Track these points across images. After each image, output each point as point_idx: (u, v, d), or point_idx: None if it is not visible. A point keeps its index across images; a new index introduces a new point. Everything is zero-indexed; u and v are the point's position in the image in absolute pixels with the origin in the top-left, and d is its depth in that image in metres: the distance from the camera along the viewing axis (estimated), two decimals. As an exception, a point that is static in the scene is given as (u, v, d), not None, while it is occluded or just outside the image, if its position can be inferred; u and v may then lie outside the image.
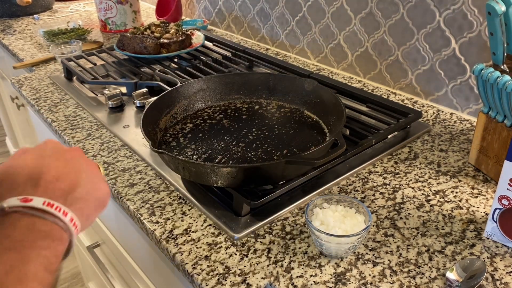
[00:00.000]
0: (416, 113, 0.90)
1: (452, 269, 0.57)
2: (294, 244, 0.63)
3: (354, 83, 1.15)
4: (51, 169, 0.41)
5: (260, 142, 0.79)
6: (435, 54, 0.98)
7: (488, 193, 0.72)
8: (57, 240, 0.37)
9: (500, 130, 0.72)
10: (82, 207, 0.41)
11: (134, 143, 0.88)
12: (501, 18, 0.67)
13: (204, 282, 0.57)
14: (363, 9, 1.09)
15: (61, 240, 0.38)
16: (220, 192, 0.73)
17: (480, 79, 0.70)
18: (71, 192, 0.41)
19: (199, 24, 1.61)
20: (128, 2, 1.56)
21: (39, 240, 0.36)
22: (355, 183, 0.76)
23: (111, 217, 0.96)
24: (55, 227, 0.38)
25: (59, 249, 0.37)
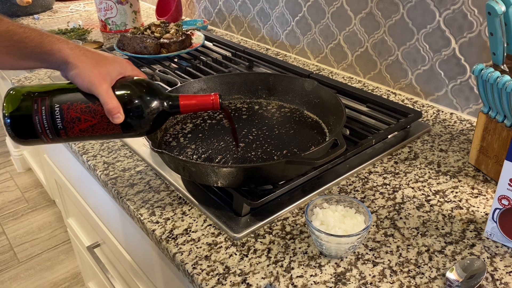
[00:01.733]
0: (416, 113, 0.90)
1: (452, 269, 0.57)
2: (294, 244, 0.63)
3: (354, 83, 1.15)
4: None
5: (260, 142, 0.79)
6: (435, 54, 0.98)
7: (488, 193, 0.72)
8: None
9: (500, 130, 0.72)
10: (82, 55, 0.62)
11: (134, 143, 0.88)
12: (501, 18, 0.67)
13: (204, 282, 0.57)
14: (363, 9, 1.09)
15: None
16: (220, 192, 0.73)
17: (480, 79, 0.70)
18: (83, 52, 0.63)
19: (199, 24, 1.61)
20: (128, 2, 1.56)
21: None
22: (355, 183, 0.76)
23: (111, 217, 0.96)
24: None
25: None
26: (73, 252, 1.96)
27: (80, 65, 0.60)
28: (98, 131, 0.63)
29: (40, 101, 0.60)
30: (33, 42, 0.59)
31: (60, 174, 1.29)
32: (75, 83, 0.61)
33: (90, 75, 0.60)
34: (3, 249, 2.03)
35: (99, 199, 0.98)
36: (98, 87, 0.60)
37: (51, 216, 2.22)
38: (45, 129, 0.60)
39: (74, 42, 1.19)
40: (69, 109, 0.60)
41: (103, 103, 0.60)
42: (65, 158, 1.13)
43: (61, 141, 0.63)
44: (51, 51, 0.60)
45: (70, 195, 1.25)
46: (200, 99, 0.67)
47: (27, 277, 1.88)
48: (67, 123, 0.61)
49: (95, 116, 0.61)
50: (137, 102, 0.62)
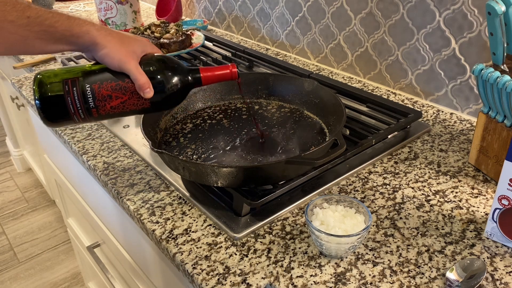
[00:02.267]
0: (416, 113, 0.90)
1: (452, 269, 0.57)
2: (294, 244, 0.63)
3: (354, 83, 1.15)
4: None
5: (260, 142, 0.79)
6: (435, 54, 0.98)
7: (488, 193, 0.72)
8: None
9: (500, 130, 0.72)
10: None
11: (134, 143, 0.88)
12: (501, 18, 0.67)
13: (204, 282, 0.57)
14: (363, 9, 1.09)
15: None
16: (220, 192, 0.73)
17: (480, 79, 0.70)
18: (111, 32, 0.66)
19: (199, 24, 1.61)
20: (128, 2, 1.56)
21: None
22: (355, 183, 0.76)
23: (111, 217, 0.96)
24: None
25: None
26: (73, 252, 1.96)
27: (108, 45, 0.63)
28: (128, 107, 0.66)
29: (70, 83, 0.63)
30: (63, 26, 0.62)
31: (60, 174, 1.29)
32: (104, 62, 0.64)
33: (119, 54, 0.63)
34: (3, 249, 2.03)
35: (99, 199, 0.98)
36: (128, 65, 0.63)
37: (51, 216, 2.22)
38: (78, 109, 0.63)
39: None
40: (100, 88, 0.63)
41: (134, 79, 0.63)
42: (65, 158, 1.13)
43: (92, 120, 0.66)
44: (80, 33, 0.62)
45: (70, 195, 1.25)
46: (219, 71, 0.71)
47: (27, 277, 1.88)
48: (99, 101, 0.64)
49: (125, 93, 0.65)
50: (163, 77, 0.66)
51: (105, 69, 0.65)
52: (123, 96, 0.65)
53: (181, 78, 0.68)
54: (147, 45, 0.68)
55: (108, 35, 0.64)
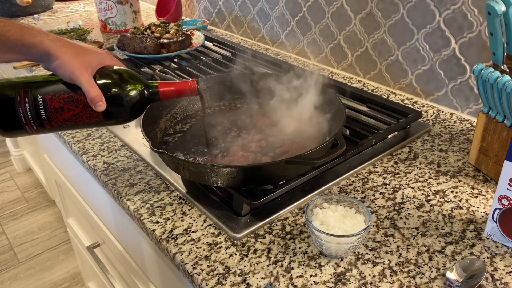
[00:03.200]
0: (416, 113, 0.90)
1: (452, 269, 0.57)
2: (294, 244, 0.63)
3: (354, 83, 1.15)
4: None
5: (260, 142, 0.79)
6: (435, 54, 0.98)
7: (488, 193, 0.72)
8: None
9: (500, 130, 0.72)
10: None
11: (134, 143, 0.88)
12: (501, 18, 0.67)
13: (204, 282, 0.57)
14: (363, 9, 1.09)
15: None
16: (220, 192, 0.73)
17: (480, 79, 0.70)
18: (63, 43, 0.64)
19: (199, 24, 1.61)
20: (128, 2, 1.56)
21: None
22: (355, 183, 0.76)
23: (111, 217, 0.96)
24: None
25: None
26: (73, 252, 1.96)
27: (61, 56, 0.62)
28: (81, 119, 0.65)
29: (23, 93, 0.62)
30: (15, 36, 0.61)
31: (60, 174, 1.29)
32: (57, 73, 0.63)
33: (72, 65, 0.62)
34: (3, 249, 2.03)
35: (99, 199, 0.98)
36: (80, 77, 0.62)
37: (51, 216, 2.22)
38: (29, 120, 0.62)
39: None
40: (52, 100, 0.62)
41: (86, 92, 0.62)
42: (65, 158, 1.13)
43: (45, 131, 0.65)
44: (33, 43, 0.62)
45: (70, 195, 1.25)
46: (179, 86, 0.69)
47: (27, 277, 1.88)
48: (50, 113, 0.62)
49: (78, 105, 0.63)
50: (118, 91, 0.65)
51: (60, 81, 0.64)
52: (75, 109, 0.63)
53: (137, 93, 0.66)
54: (105, 58, 0.67)
55: (63, 46, 0.63)
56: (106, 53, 0.68)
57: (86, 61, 0.63)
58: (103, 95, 0.63)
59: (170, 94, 0.69)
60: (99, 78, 0.64)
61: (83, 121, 0.65)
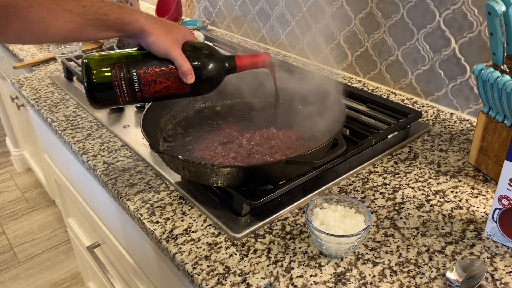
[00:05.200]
0: (416, 113, 0.90)
1: (452, 269, 0.57)
2: (294, 244, 0.63)
3: (354, 83, 1.15)
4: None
5: (260, 142, 0.79)
6: (435, 54, 0.98)
7: (488, 193, 0.72)
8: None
9: (500, 130, 0.72)
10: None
11: (134, 143, 0.88)
12: (501, 18, 0.67)
13: (204, 282, 0.57)
14: (363, 9, 1.09)
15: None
16: (220, 192, 0.73)
17: (480, 79, 0.70)
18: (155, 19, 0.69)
19: (199, 24, 1.61)
20: (128, 2, 1.56)
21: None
22: (355, 183, 0.76)
23: (111, 217, 0.96)
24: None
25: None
26: (73, 252, 1.96)
27: (155, 33, 0.67)
28: (170, 91, 0.70)
29: (117, 68, 0.66)
30: (115, 14, 0.66)
31: (60, 174, 1.29)
32: (151, 49, 0.68)
33: (165, 41, 0.67)
34: (3, 249, 2.03)
35: (99, 199, 0.98)
36: (173, 52, 0.67)
37: (51, 216, 2.22)
38: (124, 92, 0.67)
39: (75, 43, 1.18)
40: (145, 73, 0.67)
41: (178, 66, 0.67)
42: (65, 158, 1.13)
43: (136, 102, 0.70)
44: (130, 21, 0.66)
45: (70, 195, 1.25)
46: (253, 58, 0.75)
47: (27, 277, 1.88)
48: (144, 86, 0.67)
49: (169, 78, 0.68)
50: (203, 64, 0.70)
51: (150, 55, 0.68)
52: (167, 81, 0.68)
53: (219, 65, 0.71)
54: (187, 33, 0.72)
55: (155, 23, 0.67)
56: (187, 29, 0.73)
57: (175, 36, 0.68)
58: (192, 69, 0.68)
59: (245, 65, 0.74)
60: (186, 52, 0.69)
61: (172, 93, 0.70)
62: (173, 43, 0.67)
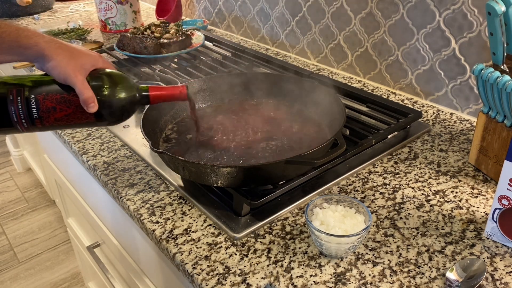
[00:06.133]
0: (416, 113, 0.90)
1: (452, 269, 0.57)
2: (294, 244, 0.63)
3: (354, 83, 1.15)
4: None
5: (260, 141, 0.79)
6: (435, 54, 0.98)
7: (488, 193, 0.72)
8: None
9: (500, 130, 0.72)
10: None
11: (134, 143, 0.88)
12: (501, 18, 0.67)
13: (204, 282, 0.57)
14: (363, 9, 1.09)
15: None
16: (220, 192, 0.73)
17: (480, 79, 0.70)
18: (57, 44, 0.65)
19: (199, 24, 1.61)
20: (128, 2, 1.56)
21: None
22: (355, 183, 0.76)
23: (111, 217, 0.96)
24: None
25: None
26: (73, 252, 1.96)
27: (56, 58, 0.63)
28: (72, 120, 0.66)
29: (15, 92, 0.63)
30: (10, 37, 0.62)
31: (60, 174, 1.29)
32: (51, 74, 0.64)
33: (66, 67, 0.63)
34: (3, 249, 2.03)
35: (99, 199, 0.98)
36: (74, 78, 0.63)
37: (51, 216, 2.22)
38: (21, 118, 0.63)
39: (74, 42, 1.19)
40: (45, 100, 0.63)
41: (79, 94, 0.63)
42: (65, 158, 1.13)
43: (36, 130, 0.66)
44: (28, 45, 0.63)
45: (70, 195, 1.25)
46: (169, 90, 0.71)
47: (27, 277, 1.88)
48: (43, 112, 0.64)
49: (70, 106, 0.65)
50: (109, 93, 0.66)
51: (53, 81, 0.65)
52: (68, 109, 0.65)
53: (128, 95, 0.67)
54: (98, 60, 0.68)
55: (58, 48, 0.64)
56: (99, 56, 0.70)
57: (80, 63, 0.65)
58: (95, 97, 0.64)
59: (160, 98, 0.71)
60: (91, 80, 0.65)
61: (74, 122, 0.67)
62: (75, 69, 0.64)
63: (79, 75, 0.64)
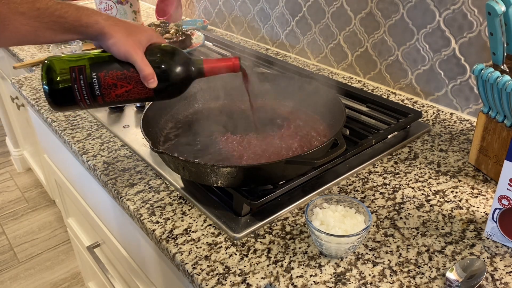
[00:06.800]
0: (416, 113, 0.90)
1: (452, 269, 0.57)
2: (294, 244, 0.63)
3: (354, 83, 1.15)
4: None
5: (260, 142, 0.79)
6: (435, 54, 0.98)
7: (488, 193, 0.72)
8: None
9: (500, 130, 0.72)
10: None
11: (134, 143, 0.88)
12: (501, 18, 0.67)
13: (204, 282, 0.57)
14: (363, 9, 1.09)
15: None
16: (220, 192, 0.73)
17: (480, 79, 0.70)
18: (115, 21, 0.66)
19: (199, 24, 1.61)
20: (128, 2, 1.56)
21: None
22: (355, 183, 0.76)
23: (111, 217, 0.96)
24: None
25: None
26: (73, 252, 1.96)
27: (115, 35, 0.64)
28: (133, 95, 0.68)
29: (77, 70, 0.64)
30: (72, 17, 0.63)
31: (60, 174, 1.29)
32: (111, 51, 0.65)
33: (126, 44, 0.64)
34: (3, 249, 2.03)
35: (99, 199, 0.98)
36: (134, 55, 0.64)
37: (51, 216, 2.22)
38: (84, 96, 0.65)
39: (74, 42, 1.18)
40: (106, 77, 0.65)
41: (139, 70, 0.64)
42: (65, 158, 1.13)
43: (98, 106, 0.68)
44: (88, 23, 0.64)
45: (70, 195, 1.25)
46: (222, 62, 0.72)
47: (27, 277, 1.88)
48: (104, 89, 0.65)
49: (130, 82, 0.66)
50: (167, 68, 0.67)
51: (112, 58, 0.66)
52: (128, 85, 0.66)
53: (184, 69, 0.69)
54: (153, 35, 0.69)
55: (116, 25, 0.65)
56: (153, 30, 0.70)
57: (137, 39, 0.66)
58: (154, 73, 0.65)
59: (214, 70, 0.71)
60: (149, 55, 0.66)
61: (134, 97, 0.68)
62: (135, 45, 0.65)
63: (139, 52, 0.65)
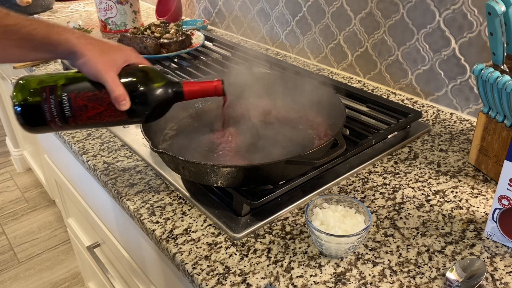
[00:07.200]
0: (416, 113, 0.90)
1: (452, 269, 0.57)
2: (294, 244, 0.63)
3: (354, 83, 1.15)
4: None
5: (260, 141, 0.79)
6: (435, 54, 0.98)
7: (488, 193, 0.72)
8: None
9: (500, 130, 0.72)
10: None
11: (134, 143, 0.88)
12: (501, 18, 0.67)
13: (204, 282, 0.57)
14: (363, 9, 1.09)
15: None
16: (220, 192, 0.73)
17: (480, 79, 0.70)
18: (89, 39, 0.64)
19: (199, 24, 1.61)
20: (128, 2, 1.56)
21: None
22: (355, 183, 0.76)
23: (111, 217, 0.96)
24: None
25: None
26: (73, 252, 1.96)
27: (87, 54, 0.62)
28: (105, 118, 0.64)
29: (49, 90, 0.62)
30: (41, 34, 0.61)
31: (60, 174, 1.29)
32: (82, 71, 0.63)
33: (97, 63, 0.61)
34: (3, 249, 2.03)
35: (99, 199, 0.98)
36: (105, 75, 0.61)
37: (51, 216, 2.22)
38: (54, 117, 0.63)
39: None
40: (76, 97, 0.62)
41: (110, 91, 0.62)
42: (65, 158, 1.13)
43: (70, 128, 0.65)
44: (58, 41, 0.62)
45: (70, 195, 1.25)
46: (203, 85, 0.69)
47: (27, 277, 1.88)
48: (75, 111, 0.63)
49: (102, 104, 0.63)
50: (142, 89, 0.64)
51: (85, 78, 0.63)
52: (99, 107, 0.63)
53: (161, 91, 0.65)
54: (131, 56, 0.66)
55: (89, 44, 0.63)
56: (131, 50, 0.68)
57: (111, 59, 0.63)
58: (127, 94, 0.62)
59: (194, 93, 0.68)
60: (123, 76, 0.64)
61: (107, 120, 0.65)
62: (107, 65, 0.62)
63: (110, 72, 0.62)
